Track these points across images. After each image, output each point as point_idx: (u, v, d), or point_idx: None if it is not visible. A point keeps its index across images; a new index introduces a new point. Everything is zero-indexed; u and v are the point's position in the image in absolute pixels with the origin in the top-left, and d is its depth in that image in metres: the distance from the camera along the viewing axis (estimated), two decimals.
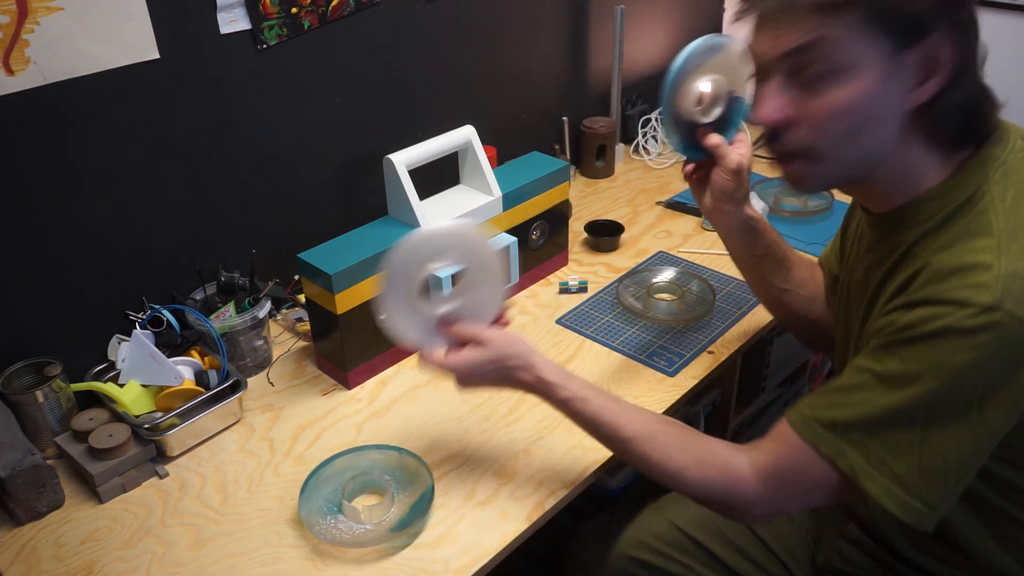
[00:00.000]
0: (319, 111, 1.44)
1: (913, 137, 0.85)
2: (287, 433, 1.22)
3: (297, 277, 1.39)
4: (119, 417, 1.16)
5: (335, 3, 1.38)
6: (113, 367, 1.24)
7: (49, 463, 1.10)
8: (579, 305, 1.48)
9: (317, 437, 1.21)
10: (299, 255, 1.25)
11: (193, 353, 1.27)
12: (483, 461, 1.16)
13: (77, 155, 1.17)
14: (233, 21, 1.27)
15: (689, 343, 1.37)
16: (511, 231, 1.45)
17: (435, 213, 1.34)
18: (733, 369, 1.45)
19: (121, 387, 1.19)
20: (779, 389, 1.72)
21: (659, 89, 1.10)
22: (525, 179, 1.45)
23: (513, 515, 1.07)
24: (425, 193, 1.36)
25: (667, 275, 1.52)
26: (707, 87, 1.11)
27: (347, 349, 1.27)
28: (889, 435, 0.83)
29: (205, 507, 1.10)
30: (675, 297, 1.47)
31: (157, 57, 1.20)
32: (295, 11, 1.33)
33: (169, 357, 1.21)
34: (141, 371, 1.20)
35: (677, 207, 1.80)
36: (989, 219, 0.82)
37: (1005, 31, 1.92)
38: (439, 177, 1.44)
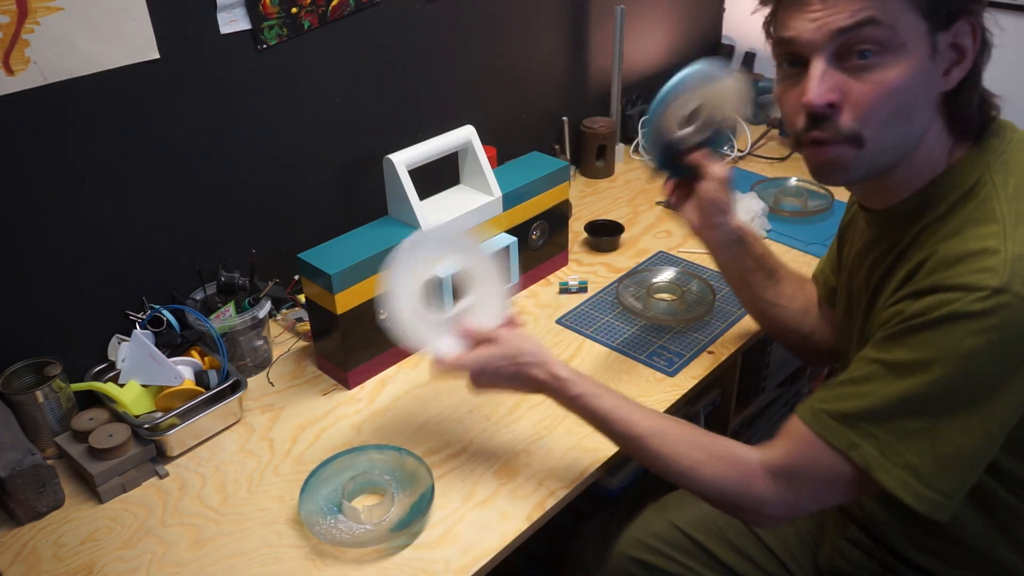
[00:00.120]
0: (319, 111, 1.44)
1: (936, 124, 0.87)
2: (287, 433, 1.22)
3: (297, 277, 1.39)
4: (119, 417, 1.16)
5: (335, 3, 1.38)
6: (113, 367, 1.24)
7: (49, 463, 1.10)
8: (579, 305, 1.48)
9: (317, 437, 1.21)
10: (299, 255, 1.25)
11: (193, 353, 1.27)
12: (483, 461, 1.16)
13: (77, 155, 1.17)
14: (233, 21, 1.27)
15: (689, 343, 1.37)
16: (511, 231, 1.44)
17: (435, 213, 1.34)
18: (733, 369, 1.45)
19: (121, 387, 1.19)
20: (779, 389, 1.72)
21: (650, 100, 1.12)
22: (525, 179, 1.45)
23: (513, 515, 1.07)
24: (425, 193, 1.36)
25: (667, 275, 1.52)
26: (696, 110, 1.13)
27: (347, 349, 1.27)
28: (901, 424, 0.83)
29: (205, 507, 1.10)
30: (675, 297, 1.47)
31: (157, 57, 1.20)
32: (295, 11, 1.33)
33: (169, 357, 1.21)
34: (141, 371, 1.20)
35: None
36: (993, 206, 0.83)
37: (1009, 31, 1.91)
38: (439, 177, 1.44)
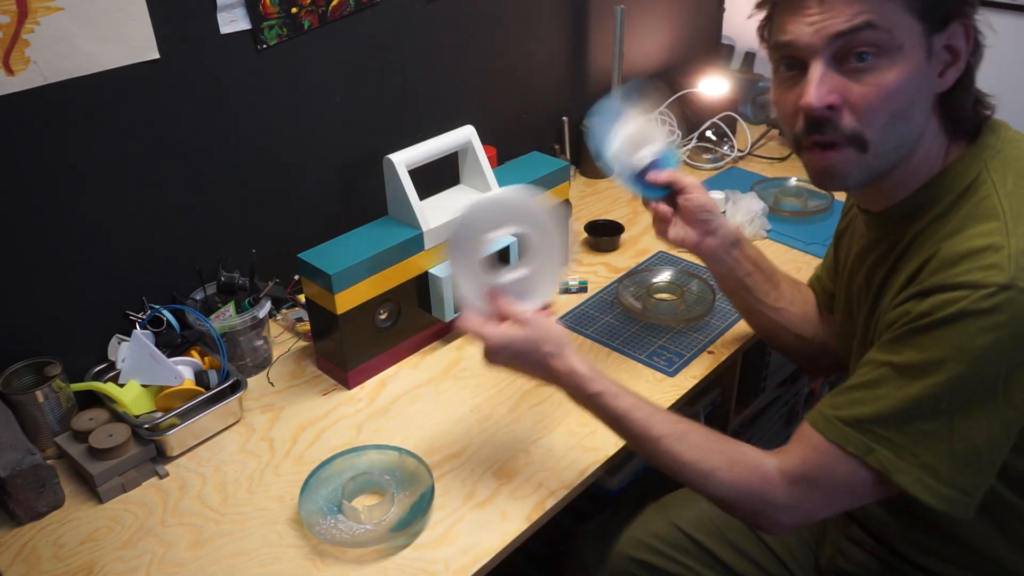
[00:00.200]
0: (319, 111, 1.44)
1: (932, 125, 0.87)
2: (287, 433, 1.22)
3: (297, 277, 1.39)
4: (119, 417, 1.16)
5: (335, 3, 1.38)
6: (113, 367, 1.24)
7: (49, 463, 1.10)
8: (579, 305, 1.48)
9: (317, 437, 1.21)
10: (299, 255, 1.25)
11: (193, 353, 1.27)
12: (483, 461, 1.16)
13: (77, 155, 1.17)
14: (233, 21, 1.27)
15: (689, 343, 1.37)
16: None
17: (435, 213, 1.34)
18: (733, 369, 1.45)
19: (121, 387, 1.19)
20: (779, 389, 1.72)
21: (595, 153, 1.20)
22: (525, 179, 1.45)
23: (513, 515, 1.07)
24: (425, 193, 1.36)
25: (667, 275, 1.52)
26: (629, 135, 1.19)
27: (347, 349, 1.27)
28: (916, 426, 0.82)
29: (205, 507, 1.10)
30: (675, 297, 1.47)
31: (157, 57, 1.20)
32: (295, 11, 1.33)
33: (169, 357, 1.21)
34: (141, 371, 1.20)
35: None
36: (993, 203, 0.83)
37: (1005, 31, 1.92)
38: (439, 177, 1.44)
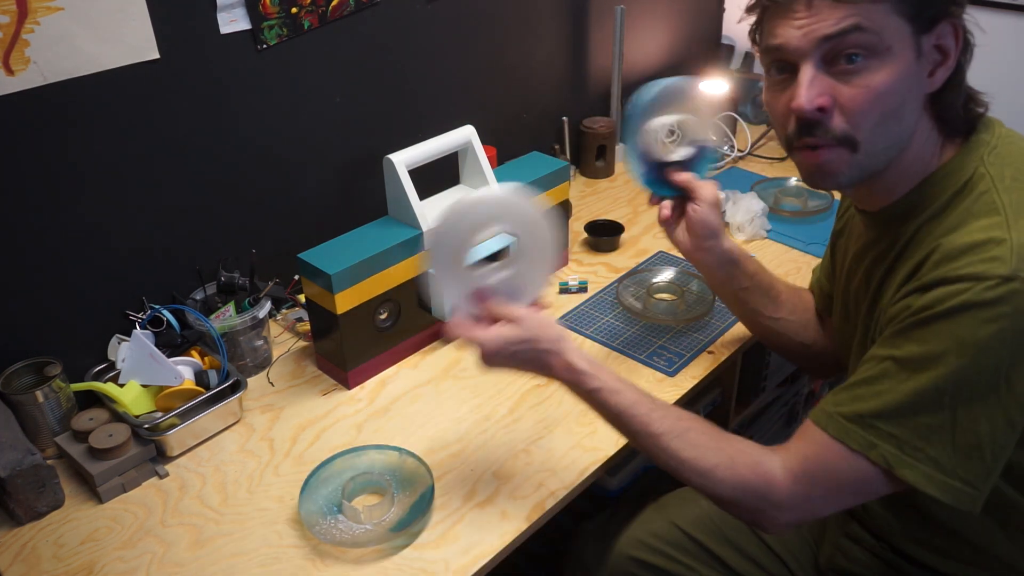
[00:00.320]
0: (319, 111, 1.44)
1: (924, 124, 0.88)
2: (287, 433, 1.22)
3: (297, 277, 1.39)
4: (119, 417, 1.16)
5: (335, 3, 1.38)
6: (113, 367, 1.24)
7: (49, 463, 1.10)
8: (579, 305, 1.48)
9: (317, 437, 1.21)
10: (299, 255, 1.25)
11: (193, 353, 1.27)
12: (483, 461, 1.16)
13: (77, 155, 1.17)
14: (233, 21, 1.27)
15: (689, 343, 1.37)
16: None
17: (435, 213, 1.33)
18: (733, 369, 1.45)
19: (121, 387, 1.19)
20: (779, 389, 1.72)
21: (627, 117, 1.12)
22: (525, 179, 1.45)
23: (513, 515, 1.07)
24: (425, 193, 1.36)
25: (667, 275, 1.52)
26: (676, 124, 1.14)
27: (347, 349, 1.27)
28: (919, 420, 0.82)
29: (205, 507, 1.10)
30: (675, 297, 1.47)
31: (157, 57, 1.20)
32: (295, 11, 1.33)
33: (169, 357, 1.21)
34: (141, 371, 1.20)
35: None
36: (993, 198, 0.83)
37: (1005, 31, 1.92)
38: (439, 177, 1.44)
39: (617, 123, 1.95)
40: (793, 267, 1.56)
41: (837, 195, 1.72)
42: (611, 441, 1.16)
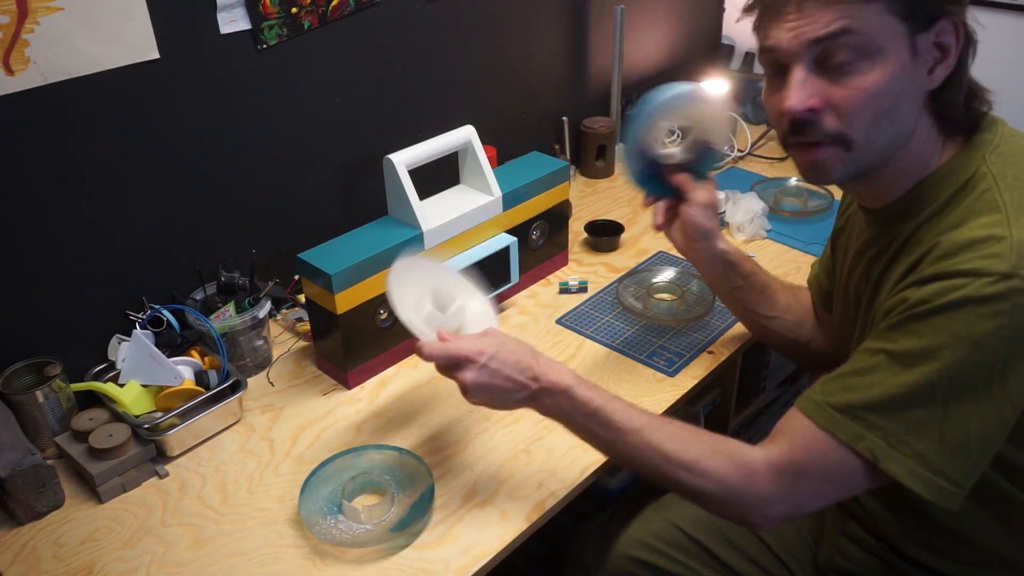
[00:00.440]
0: (319, 111, 1.44)
1: (924, 122, 0.88)
2: (287, 433, 1.22)
3: (297, 277, 1.39)
4: (119, 417, 1.16)
5: (335, 3, 1.38)
6: (113, 367, 1.24)
7: (49, 463, 1.10)
8: (579, 305, 1.48)
9: (317, 437, 1.21)
10: (299, 255, 1.25)
11: (193, 353, 1.27)
12: (483, 461, 1.16)
13: (77, 155, 1.17)
14: (233, 21, 1.27)
15: (689, 343, 1.37)
16: (511, 231, 1.44)
17: (435, 213, 1.34)
18: (733, 369, 1.45)
19: (121, 387, 1.19)
20: (779, 389, 1.72)
21: (634, 115, 1.12)
22: (525, 179, 1.45)
23: (513, 515, 1.07)
24: (425, 193, 1.36)
25: (667, 275, 1.52)
26: (680, 126, 1.16)
27: (347, 349, 1.27)
28: (908, 414, 0.82)
29: (205, 507, 1.10)
30: (675, 297, 1.47)
31: (157, 57, 1.20)
32: (295, 11, 1.33)
33: (169, 357, 1.21)
34: (141, 371, 1.20)
35: None
36: (994, 196, 0.83)
37: (1005, 31, 1.92)
38: (439, 177, 1.44)
39: (617, 123, 1.95)
40: (793, 267, 1.56)
41: (838, 195, 1.73)
42: (601, 448, 1.16)
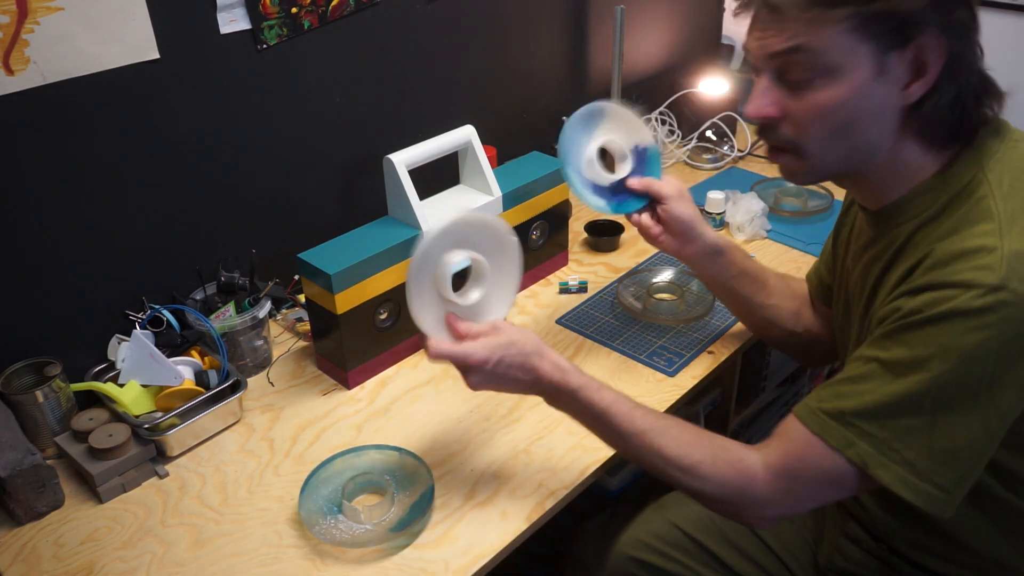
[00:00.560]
0: (319, 111, 1.44)
1: (906, 134, 0.87)
2: (287, 433, 1.22)
3: (297, 277, 1.39)
4: (119, 417, 1.16)
5: (335, 3, 1.38)
6: (113, 367, 1.24)
7: (49, 463, 1.10)
8: (579, 305, 1.48)
9: (317, 437, 1.21)
10: (299, 255, 1.25)
11: (193, 353, 1.27)
12: (483, 461, 1.16)
13: (77, 155, 1.17)
14: (233, 21, 1.27)
15: (689, 343, 1.37)
16: None
17: (435, 213, 1.34)
18: (733, 369, 1.45)
19: (121, 387, 1.19)
20: (779, 389, 1.72)
21: (562, 170, 1.17)
22: (525, 179, 1.45)
23: (513, 515, 1.07)
24: (425, 193, 1.36)
25: (667, 275, 1.52)
26: (602, 145, 1.18)
27: (347, 349, 1.27)
28: (898, 422, 0.83)
29: (205, 507, 1.10)
30: (675, 297, 1.47)
31: (157, 57, 1.20)
32: (295, 11, 1.33)
33: (169, 357, 1.21)
34: (141, 371, 1.20)
35: None
36: (988, 205, 0.83)
37: (1005, 31, 1.92)
38: (439, 177, 1.44)
39: None
40: (793, 267, 1.56)
41: (838, 195, 1.73)
42: (607, 442, 1.16)
